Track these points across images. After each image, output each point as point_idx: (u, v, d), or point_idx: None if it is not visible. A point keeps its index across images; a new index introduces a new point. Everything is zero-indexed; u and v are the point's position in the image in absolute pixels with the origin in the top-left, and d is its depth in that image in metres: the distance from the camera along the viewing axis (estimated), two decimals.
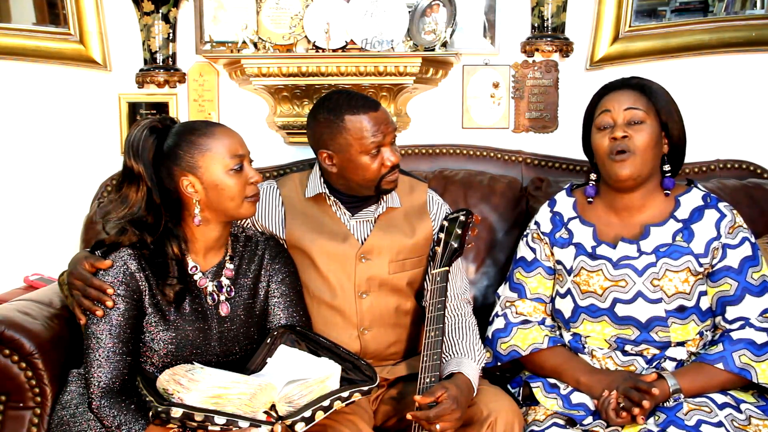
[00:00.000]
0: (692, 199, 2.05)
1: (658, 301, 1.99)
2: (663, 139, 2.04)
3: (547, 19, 2.85)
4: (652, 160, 2.02)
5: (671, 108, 2.05)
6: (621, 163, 1.98)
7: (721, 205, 2.05)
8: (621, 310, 2.01)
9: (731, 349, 1.93)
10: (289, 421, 1.70)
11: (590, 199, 2.12)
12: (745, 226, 2.04)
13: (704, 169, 2.76)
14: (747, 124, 2.90)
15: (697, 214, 2.03)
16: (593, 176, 2.12)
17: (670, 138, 2.05)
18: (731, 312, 1.98)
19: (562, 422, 1.94)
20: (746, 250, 2.00)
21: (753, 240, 2.03)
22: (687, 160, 2.14)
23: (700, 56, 2.88)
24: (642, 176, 2.01)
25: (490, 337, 2.15)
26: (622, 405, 1.87)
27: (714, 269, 2.00)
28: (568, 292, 2.09)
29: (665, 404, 1.89)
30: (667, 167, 2.06)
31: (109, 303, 1.82)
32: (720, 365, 1.92)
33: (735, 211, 2.05)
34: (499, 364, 2.14)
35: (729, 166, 2.76)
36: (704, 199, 2.05)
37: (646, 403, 1.83)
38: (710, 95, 2.90)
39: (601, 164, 2.05)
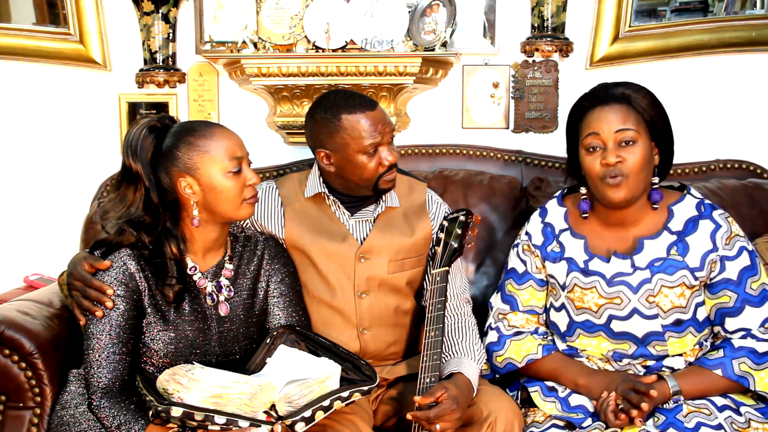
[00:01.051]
0: (686, 208, 1.99)
1: (655, 317, 1.95)
2: (654, 151, 1.98)
3: (547, 19, 2.85)
4: (646, 179, 1.95)
5: (658, 112, 1.98)
6: (615, 188, 1.91)
7: (716, 214, 1.98)
8: (617, 326, 1.98)
9: (732, 356, 1.91)
10: (289, 421, 1.70)
11: (585, 215, 2.06)
12: (741, 234, 1.98)
13: (704, 169, 2.76)
14: (747, 124, 2.90)
15: (691, 225, 1.97)
16: (584, 190, 2.05)
17: (659, 142, 1.98)
18: (731, 323, 1.96)
19: (561, 423, 1.94)
20: (744, 260, 1.95)
21: (750, 248, 1.98)
22: (687, 160, 2.12)
23: (700, 56, 2.88)
24: (636, 196, 1.95)
25: (484, 350, 2.12)
26: (620, 407, 1.86)
27: (712, 281, 1.96)
28: (563, 306, 2.06)
29: (665, 406, 1.88)
30: (655, 179, 1.99)
31: (109, 303, 1.82)
32: (719, 371, 1.91)
33: (730, 219, 1.99)
34: (497, 376, 2.12)
35: (729, 166, 2.76)
36: (698, 209, 1.99)
37: (644, 405, 1.82)
38: (710, 95, 2.90)
39: (593, 186, 1.97)
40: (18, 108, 2.99)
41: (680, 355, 1.98)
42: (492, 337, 2.12)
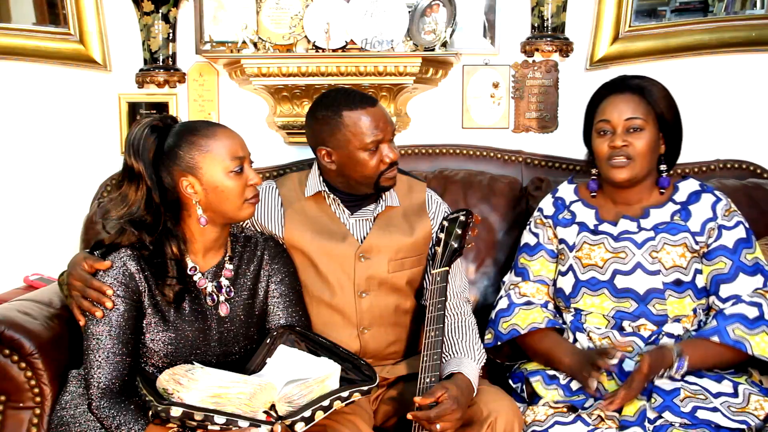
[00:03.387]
0: (690, 184, 2.15)
1: (656, 273, 2.05)
2: (660, 140, 2.11)
3: (547, 19, 2.85)
4: (650, 163, 2.10)
5: (669, 106, 2.11)
6: (619, 169, 2.07)
7: (717, 191, 2.13)
8: (620, 281, 2.07)
9: (725, 323, 1.98)
10: (288, 421, 1.70)
11: (593, 194, 2.20)
12: (739, 212, 2.11)
13: (704, 169, 2.76)
14: (747, 124, 2.90)
15: (694, 197, 2.12)
16: (595, 171, 2.19)
17: (667, 134, 2.11)
18: (725, 290, 2.04)
19: (564, 420, 1.94)
20: (741, 232, 2.07)
21: (747, 225, 2.10)
22: (687, 160, 2.17)
23: (700, 56, 2.88)
24: (638, 178, 2.10)
25: (493, 317, 2.20)
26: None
27: (709, 248, 2.07)
28: (570, 268, 2.14)
29: (664, 387, 1.91)
30: (663, 167, 2.14)
31: (109, 304, 1.82)
32: (715, 338, 1.97)
33: (730, 200, 2.13)
34: (499, 343, 2.17)
35: (729, 166, 2.77)
36: (701, 186, 2.14)
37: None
38: (710, 95, 2.90)
39: (600, 166, 2.14)
40: (18, 108, 2.99)
41: (678, 320, 2.05)
42: (502, 304, 2.20)
